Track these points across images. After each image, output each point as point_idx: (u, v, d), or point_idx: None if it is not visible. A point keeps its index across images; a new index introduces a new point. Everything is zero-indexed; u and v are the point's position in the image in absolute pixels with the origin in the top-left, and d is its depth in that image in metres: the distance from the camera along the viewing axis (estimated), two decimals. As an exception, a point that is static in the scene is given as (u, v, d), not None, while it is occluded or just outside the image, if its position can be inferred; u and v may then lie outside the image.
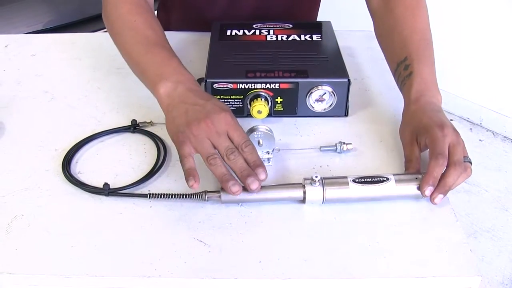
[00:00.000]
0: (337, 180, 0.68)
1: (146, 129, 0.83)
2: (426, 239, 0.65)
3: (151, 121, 0.84)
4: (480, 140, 2.36)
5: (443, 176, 0.68)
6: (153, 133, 0.82)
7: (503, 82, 2.28)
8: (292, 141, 0.81)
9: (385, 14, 0.90)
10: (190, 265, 0.61)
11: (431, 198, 0.68)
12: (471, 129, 2.42)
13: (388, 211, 0.68)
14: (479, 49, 2.28)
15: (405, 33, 0.85)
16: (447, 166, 0.68)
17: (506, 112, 2.33)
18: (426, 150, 0.72)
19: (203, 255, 0.63)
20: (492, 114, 2.37)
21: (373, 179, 0.67)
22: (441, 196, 0.68)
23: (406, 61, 0.82)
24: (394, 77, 0.86)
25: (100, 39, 1.14)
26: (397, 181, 0.67)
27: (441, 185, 0.68)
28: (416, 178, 0.68)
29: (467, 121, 2.46)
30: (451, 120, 2.43)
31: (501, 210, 1.99)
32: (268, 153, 0.75)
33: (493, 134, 2.39)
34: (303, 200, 0.68)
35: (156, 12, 1.22)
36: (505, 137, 2.37)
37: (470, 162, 0.71)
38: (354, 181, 0.67)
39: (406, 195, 0.68)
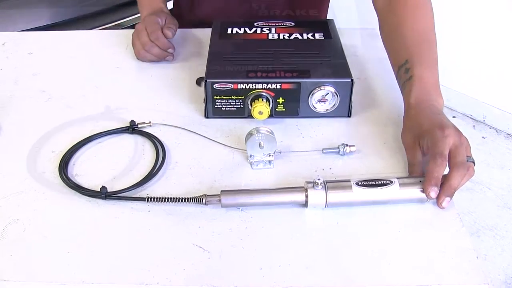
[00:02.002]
0: (340, 184, 0.66)
1: (145, 130, 0.82)
2: (431, 245, 0.63)
3: (150, 121, 0.82)
4: (483, 137, 2.33)
5: (447, 178, 0.66)
6: (152, 134, 0.80)
7: (506, 79, 2.26)
8: (294, 143, 0.79)
9: (389, 14, 0.88)
10: (189, 272, 0.60)
11: (438, 202, 0.66)
12: (474, 126, 2.40)
13: (392, 216, 0.67)
14: (482, 45, 2.26)
15: (407, 35, 0.83)
16: (451, 168, 0.67)
17: (510, 109, 2.31)
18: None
19: (203, 262, 0.61)
20: (496, 111, 2.35)
21: (377, 182, 0.66)
22: (447, 199, 0.66)
23: (406, 64, 0.80)
24: (397, 80, 0.84)
25: (98, 37, 1.12)
26: (401, 184, 0.66)
27: (446, 188, 0.66)
28: (420, 181, 0.66)
29: (470, 118, 2.44)
30: (454, 117, 2.41)
31: (504, 208, 1.97)
32: (270, 156, 0.74)
33: (497, 131, 2.37)
34: (305, 204, 0.66)
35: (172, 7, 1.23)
36: (508, 134, 2.35)
37: (473, 162, 0.69)
38: (357, 184, 0.65)
39: (411, 198, 0.67)
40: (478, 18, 2.22)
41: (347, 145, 0.76)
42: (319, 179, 0.65)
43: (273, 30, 0.95)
